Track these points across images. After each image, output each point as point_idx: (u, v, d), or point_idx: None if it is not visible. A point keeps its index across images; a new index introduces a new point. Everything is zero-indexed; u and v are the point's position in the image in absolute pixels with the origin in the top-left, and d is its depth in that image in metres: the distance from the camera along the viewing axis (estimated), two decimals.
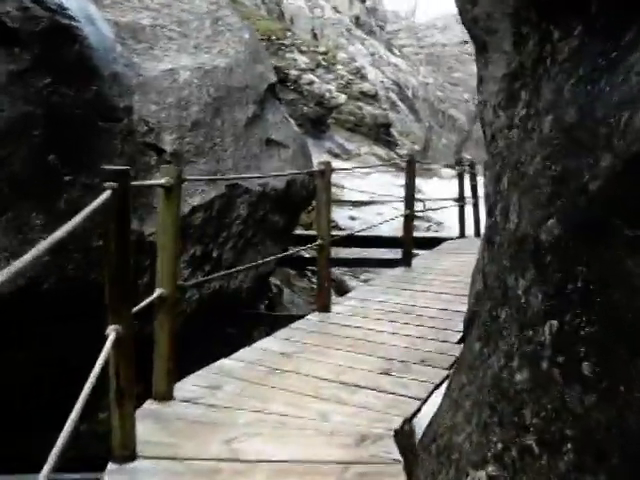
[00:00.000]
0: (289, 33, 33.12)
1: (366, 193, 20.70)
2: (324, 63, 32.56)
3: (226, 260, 7.89)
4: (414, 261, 8.26)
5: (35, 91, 5.74)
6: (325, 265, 6.01)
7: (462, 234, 10.87)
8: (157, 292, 3.83)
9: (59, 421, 2.49)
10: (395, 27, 51.05)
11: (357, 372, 4.69)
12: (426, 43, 51.65)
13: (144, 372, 3.96)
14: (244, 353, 4.99)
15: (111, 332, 3.03)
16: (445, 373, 4.75)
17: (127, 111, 6.69)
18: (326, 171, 5.90)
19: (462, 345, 5.31)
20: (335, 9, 42.37)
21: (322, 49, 33.75)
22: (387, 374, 4.68)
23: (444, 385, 4.68)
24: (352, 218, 17.88)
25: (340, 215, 17.89)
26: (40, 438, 3.56)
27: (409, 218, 8.02)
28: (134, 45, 7.25)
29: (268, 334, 9.90)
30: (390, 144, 32.91)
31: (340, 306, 6.29)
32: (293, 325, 5.73)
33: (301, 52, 31.70)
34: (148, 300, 3.74)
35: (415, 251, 12.00)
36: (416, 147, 35.28)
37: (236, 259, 8.08)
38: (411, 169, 7.92)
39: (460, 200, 10.89)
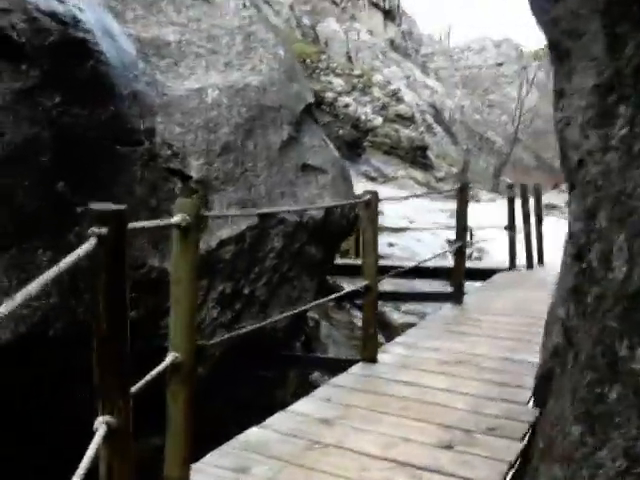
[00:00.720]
0: (324, 56, 32.55)
1: (404, 218, 19.92)
2: (360, 86, 31.89)
3: (259, 297, 7.11)
4: (465, 297, 7.43)
5: (43, 111, 5.02)
6: (372, 309, 5.19)
7: (512, 265, 10.00)
8: (170, 357, 3.04)
9: None
10: (430, 50, 50.35)
11: (411, 445, 3.84)
12: (461, 66, 50.89)
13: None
14: (277, 419, 4.14)
15: (100, 426, 2.24)
16: (519, 446, 3.89)
17: (149, 133, 5.95)
18: (372, 201, 5.10)
19: (536, 409, 4.46)
20: (370, 32, 41.80)
21: (357, 72, 33.11)
22: (448, 448, 3.83)
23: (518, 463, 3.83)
24: (390, 244, 17.02)
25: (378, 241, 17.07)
26: None
27: (461, 251, 7.19)
28: (158, 62, 6.54)
29: (305, 377, 9.17)
30: (427, 167, 32.10)
31: (388, 355, 5.46)
32: (335, 380, 4.88)
33: (336, 75, 31.09)
34: (157, 369, 2.94)
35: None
36: (454, 170, 34.41)
37: (270, 296, 7.30)
38: (463, 197, 7.10)
39: (510, 228, 10.04)
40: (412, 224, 19.44)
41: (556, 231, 11.05)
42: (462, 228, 7.19)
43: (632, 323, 2.94)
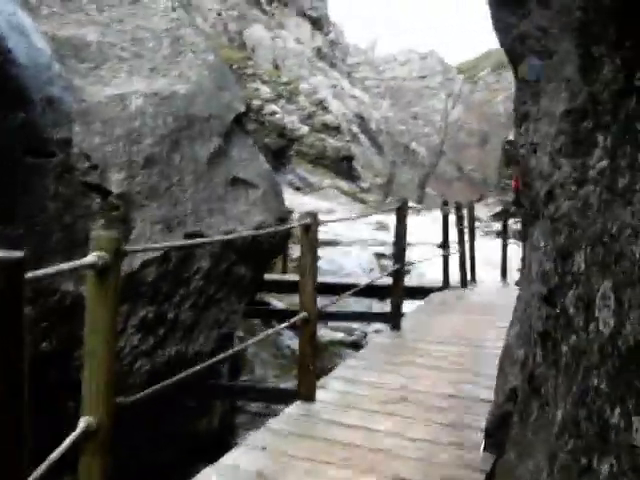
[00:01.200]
0: (251, 62, 32.08)
1: (330, 230, 19.53)
2: (286, 94, 31.50)
3: (184, 321, 6.59)
4: (403, 321, 7.02)
5: None
6: (310, 343, 4.69)
7: (446, 284, 9.70)
8: (82, 423, 2.50)
9: None
10: (356, 60, 50.35)
11: None
12: (387, 77, 51.03)
13: None
14: (207, 477, 3.61)
15: None
16: None
17: (64, 144, 5.37)
18: (312, 225, 4.63)
19: (490, 455, 4.07)
20: (297, 40, 41.43)
21: (284, 80, 32.70)
22: None
23: None
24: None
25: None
26: None
27: (399, 274, 6.77)
28: (76, 64, 5.94)
29: (233, 406, 8.61)
30: (352, 177, 31.87)
31: (326, 392, 4.96)
32: (271, 424, 4.36)
33: (263, 82, 30.62)
34: (67, 442, 2.39)
35: None
36: (378, 180, 34.31)
37: (196, 319, 6.79)
38: (401, 215, 6.67)
39: (444, 246, 9.74)
40: (338, 237, 19.06)
41: (480, 246, 10.86)
42: (401, 249, 6.78)
43: (625, 386, 2.56)
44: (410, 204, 31.81)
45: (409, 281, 10.95)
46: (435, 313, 7.77)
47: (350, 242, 18.76)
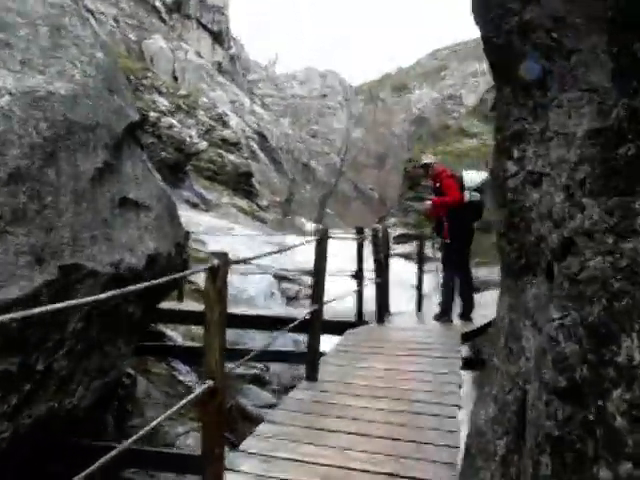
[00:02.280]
0: (149, 73, 30.56)
1: (229, 251, 18.34)
2: (185, 107, 30.14)
3: (58, 372, 5.32)
4: (320, 367, 5.92)
5: None
6: (217, 422, 3.52)
7: (360, 319, 8.71)
8: None
9: None
10: (257, 76, 49.42)
11: None
12: (287, 94, 50.31)
13: None
14: None
15: None
16: None
17: None
18: (220, 268, 3.52)
19: None
20: (198, 53, 40.17)
21: (183, 92, 31.33)
22: None
23: None
24: None
25: (200, 276, 15.36)
26: None
27: (318, 315, 5.67)
28: None
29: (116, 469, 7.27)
30: (251, 195, 30.75)
31: (239, 477, 3.85)
32: None
33: (161, 94, 29.17)
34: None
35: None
36: (277, 199, 33.31)
37: (74, 368, 5.53)
38: (321, 249, 5.59)
39: (359, 277, 8.77)
40: (237, 257, 17.88)
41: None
42: (321, 287, 5.69)
43: None
44: (310, 224, 30.93)
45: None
46: (355, 357, 6.72)
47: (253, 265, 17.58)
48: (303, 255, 19.88)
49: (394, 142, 46.91)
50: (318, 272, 5.70)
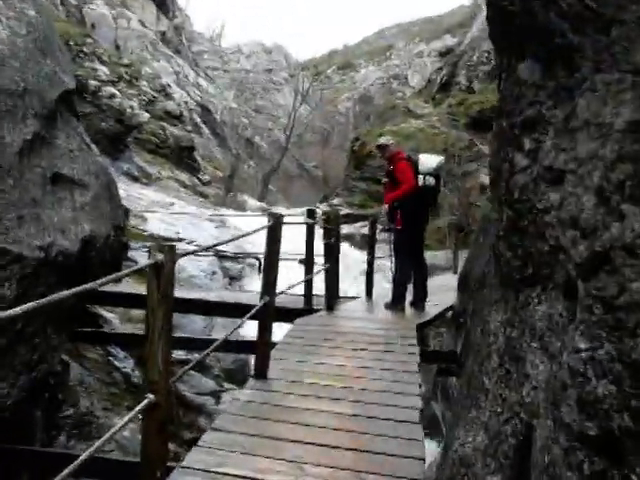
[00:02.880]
0: (90, 40, 29.33)
1: (171, 226, 17.63)
2: (127, 77, 29.05)
3: None
4: (270, 363, 5.41)
5: None
6: (159, 440, 2.99)
7: (310, 306, 8.21)
8: None
9: None
10: (202, 48, 48.19)
11: None
12: (232, 68, 49.25)
13: None
14: None
15: None
16: None
17: None
18: (165, 264, 2.98)
19: None
20: (141, 22, 38.84)
21: (125, 61, 30.18)
22: None
23: None
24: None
25: (138, 253, 14.67)
26: None
27: (269, 309, 5.14)
28: None
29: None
30: (193, 169, 29.90)
31: None
32: None
33: (102, 62, 28.02)
34: None
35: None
36: (219, 174, 32.51)
37: None
38: (274, 236, 5.05)
39: (309, 262, 8.26)
40: (179, 234, 17.18)
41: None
42: (272, 279, 5.16)
43: None
44: (252, 201, 30.30)
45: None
46: (307, 351, 6.23)
47: (191, 241, 16.94)
48: (247, 231, 19.30)
49: (339, 120, 46.44)
50: (270, 261, 5.18)
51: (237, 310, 8.90)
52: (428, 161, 8.76)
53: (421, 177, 8.61)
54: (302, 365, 5.80)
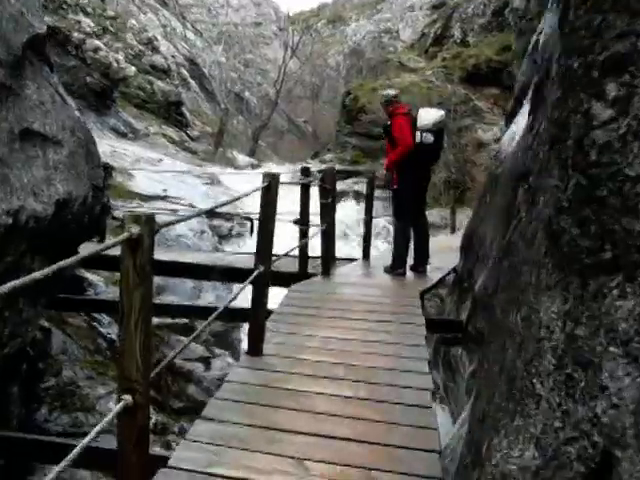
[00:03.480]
0: None
1: (159, 183, 16.97)
2: (112, 29, 28.08)
3: None
4: (265, 338, 4.87)
5: None
6: (137, 447, 2.46)
7: (304, 272, 7.66)
8: None
9: None
10: (189, 1, 46.87)
11: None
12: (220, 21, 47.94)
13: None
14: None
15: None
16: None
17: None
18: (143, 239, 2.43)
19: None
20: None
21: (111, 14, 29.15)
22: None
23: None
24: None
25: (125, 209, 14.09)
26: None
27: (264, 279, 4.57)
28: None
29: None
30: (181, 124, 29.11)
31: None
32: None
33: (86, 14, 27.00)
34: None
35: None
36: (208, 129, 31.70)
37: None
38: (270, 198, 4.46)
39: (304, 223, 7.71)
40: (165, 191, 16.55)
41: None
42: (267, 245, 4.60)
43: None
44: (242, 157, 29.59)
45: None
46: (303, 322, 5.70)
47: (179, 199, 16.33)
48: (238, 189, 18.68)
49: (330, 74, 45.47)
50: (265, 226, 4.63)
51: (229, 274, 8.40)
52: (427, 116, 8.13)
53: (419, 134, 8.01)
54: (300, 339, 5.28)
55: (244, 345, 8.04)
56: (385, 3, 49.95)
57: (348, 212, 16.55)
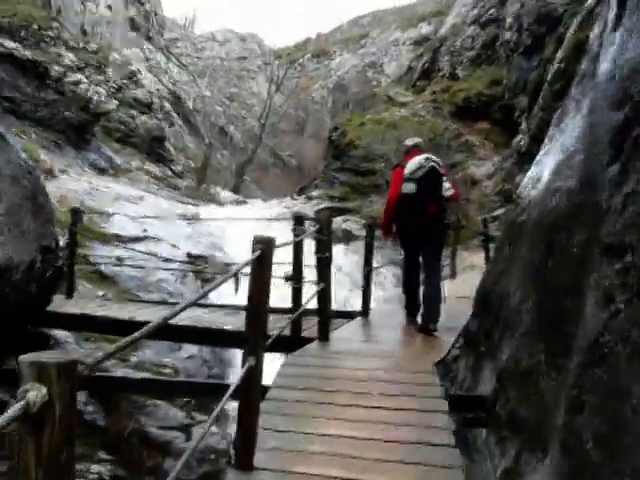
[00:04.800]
0: (55, 24, 27.18)
1: (138, 224, 15.73)
2: (94, 63, 26.96)
3: None
4: (261, 438, 3.68)
5: None
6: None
7: (299, 335, 6.44)
8: None
9: None
10: (174, 35, 46.05)
11: None
12: (205, 55, 47.16)
13: None
14: None
15: None
16: None
17: None
18: (51, 405, 1.33)
19: None
20: (109, 7, 36.65)
21: (93, 47, 28.07)
22: None
23: None
24: (119, 260, 12.85)
25: (102, 253, 12.85)
26: None
27: (254, 376, 3.36)
28: None
29: None
30: (164, 160, 27.97)
31: None
32: None
33: (68, 48, 25.90)
34: None
35: None
36: (192, 164, 30.56)
37: None
38: (263, 266, 3.33)
39: (298, 279, 6.57)
40: (146, 232, 15.34)
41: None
42: (259, 332, 3.44)
43: None
44: (226, 193, 28.44)
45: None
46: (300, 411, 4.49)
47: (160, 240, 15.14)
48: (221, 230, 17.50)
49: (314, 108, 44.63)
50: (256, 308, 3.46)
51: (217, 339, 7.27)
52: (409, 165, 7.49)
53: (404, 185, 7.40)
54: (296, 440, 4.09)
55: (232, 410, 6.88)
56: (369, 38, 49.44)
57: (339, 255, 15.38)
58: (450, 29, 26.73)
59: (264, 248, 3.44)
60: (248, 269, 3.46)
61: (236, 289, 3.57)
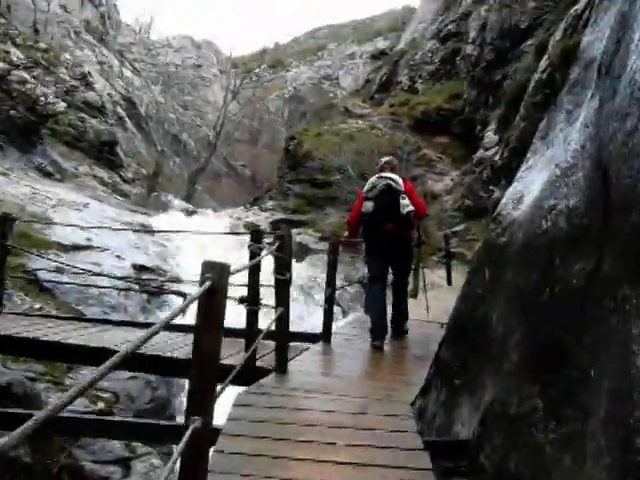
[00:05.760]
0: (3, 21, 25.93)
1: (81, 231, 14.61)
2: (43, 62, 25.71)
3: None
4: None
5: None
6: None
7: (253, 364, 5.61)
8: None
9: None
10: (129, 40, 44.77)
11: None
12: (160, 61, 45.99)
13: None
14: None
15: None
16: None
17: None
18: None
19: None
20: (63, 7, 35.37)
21: (43, 46, 26.84)
22: None
23: None
24: (59, 270, 11.77)
25: (41, 264, 11.72)
26: None
27: (202, 440, 2.57)
28: None
29: None
30: (114, 165, 26.78)
31: None
32: None
33: (16, 45, 24.64)
34: None
35: None
36: (143, 171, 29.42)
37: None
38: (212, 307, 2.55)
39: (255, 302, 5.69)
40: (90, 241, 14.27)
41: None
42: (204, 387, 2.62)
43: None
44: (177, 201, 27.37)
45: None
46: (259, 472, 3.67)
47: (105, 249, 14.10)
48: (170, 240, 16.53)
49: (269, 118, 43.84)
50: (203, 354, 2.59)
51: (166, 368, 6.35)
52: (367, 184, 7.30)
53: (364, 203, 7.14)
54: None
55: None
56: (325, 50, 48.96)
57: (293, 268, 14.55)
58: (410, 43, 26.24)
59: (216, 278, 2.57)
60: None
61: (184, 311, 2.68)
